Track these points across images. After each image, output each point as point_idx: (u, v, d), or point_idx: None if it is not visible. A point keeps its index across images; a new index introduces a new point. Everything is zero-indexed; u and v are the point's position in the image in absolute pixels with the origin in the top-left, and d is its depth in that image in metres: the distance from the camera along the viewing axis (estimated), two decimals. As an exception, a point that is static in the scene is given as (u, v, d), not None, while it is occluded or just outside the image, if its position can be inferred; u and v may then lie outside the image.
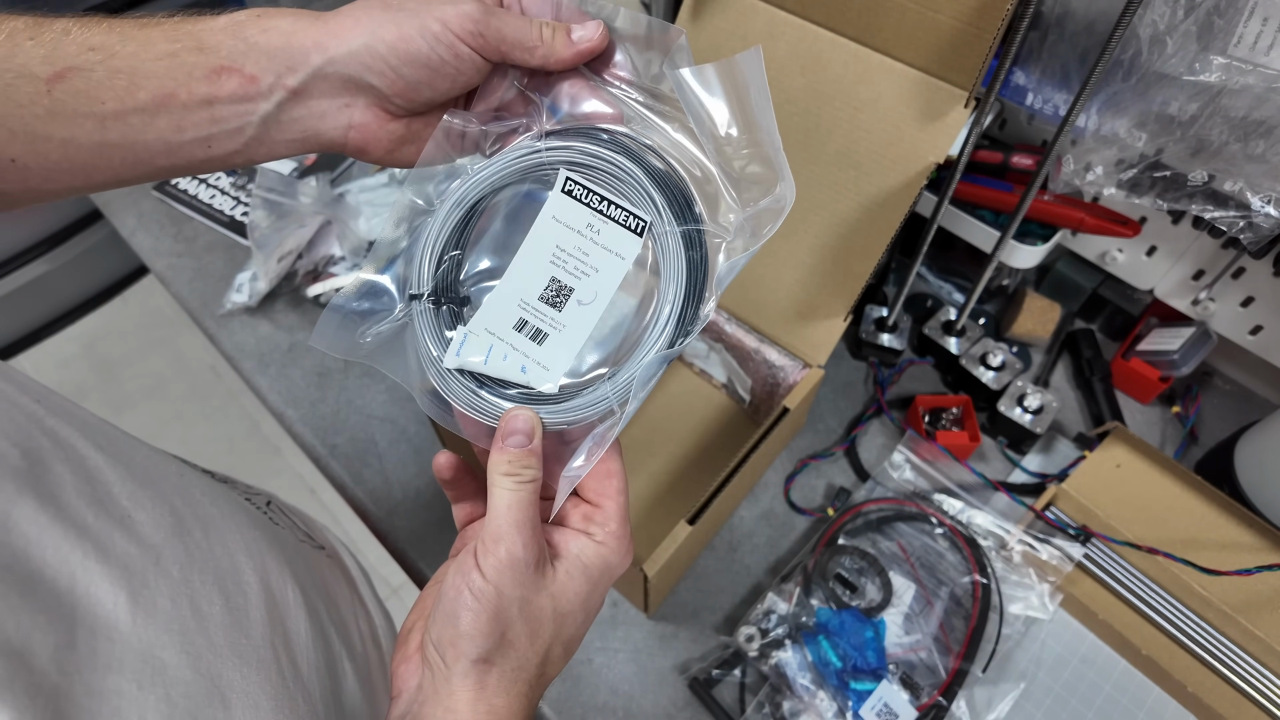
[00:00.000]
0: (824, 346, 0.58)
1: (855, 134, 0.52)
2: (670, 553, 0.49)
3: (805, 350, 0.59)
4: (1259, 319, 0.62)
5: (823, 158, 0.54)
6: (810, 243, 0.57)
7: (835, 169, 0.54)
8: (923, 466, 0.62)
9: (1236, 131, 0.50)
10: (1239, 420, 0.65)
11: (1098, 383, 0.68)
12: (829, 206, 0.55)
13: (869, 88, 0.51)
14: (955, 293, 0.76)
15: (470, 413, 0.32)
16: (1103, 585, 0.56)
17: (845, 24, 0.51)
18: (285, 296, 0.75)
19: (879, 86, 0.51)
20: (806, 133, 0.55)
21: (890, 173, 0.52)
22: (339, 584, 0.42)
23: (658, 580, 0.50)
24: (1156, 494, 0.60)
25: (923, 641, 0.54)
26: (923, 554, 0.58)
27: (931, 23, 0.47)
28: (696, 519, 0.51)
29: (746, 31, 0.55)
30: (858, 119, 0.52)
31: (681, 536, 0.50)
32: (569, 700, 0.53)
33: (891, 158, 0.51)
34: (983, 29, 0.45)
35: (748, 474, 0.56)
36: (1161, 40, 0.49)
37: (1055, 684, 0.54)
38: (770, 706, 0.52)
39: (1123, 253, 0.67)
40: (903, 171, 0.51)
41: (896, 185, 0.52)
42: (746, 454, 0.53)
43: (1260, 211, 0.52)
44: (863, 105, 0.52)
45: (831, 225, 0.56)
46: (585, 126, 0.32)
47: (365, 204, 0.78)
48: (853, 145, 0.53)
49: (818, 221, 0.56)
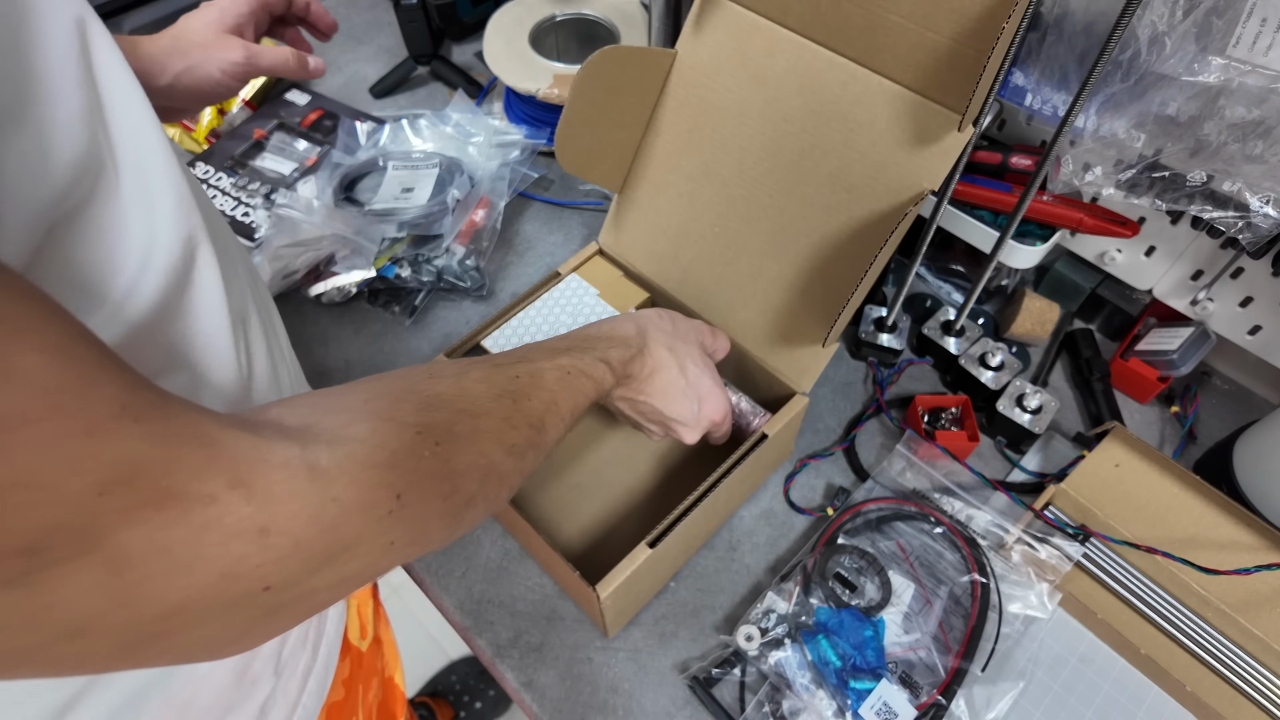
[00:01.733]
0: (809, 373, 0.56)
1: (850, 156, 0.52)
2: (627, 575, 0.48)
3: (791, 375, 0.57)
4: (1257, 319, 0.62)
5: (816, 179, 0.53)
6: (800, 265, 0.56)
7: (828, 191, 0.53)
8: (922, 466, 0.62)
9: (1235, 132, 0.50)
10: (1238, 420, 0.65)
11: (1096, 382, 0.68)
12: (820, 229, 0.54)
13: (866, 109, 0.50)
14: (954, 293, 0.76)
15: None
16: (1101, 584, 0.57)
17: (845, 44, 0.50)
18: (287, 297, 0.76)
19: (876, 108, 0.50)
20: (801, 153, 0.54)
21: (883, 197, 0.51)
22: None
23: (614, 602, 0.49)
24: (1155, 493, 0.60)
25: (922, 640, 0.54)
26: (922, 553, 0.58)
27: (930, 44, 0.46)
28: (657, 542, 0.49)
29: (747, 47, 0.55)
30: (853, 141, 0.51)
31: (640, 559, 0.48)
32: (568, 700, 0.54)
33: (885, 182, 0.50)
34: (981, 50, 0.44)
35: (722, 499, 0.54)
36: (1160, 41, 0.49)
37: (1054, 683, 0.54)
38: (770, 705, 0.52)
39: (1121, 253, 0.67)
40: (895, 196, 0.50)
41: (889, 210, 0.51)
42: (714, 482, 0.52)
43: (1259, 212, 0.52)
44: (859, 127, 0.51)
45: (821, 248, 0.54)
46: None
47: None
48: (847, 167, 0.52)
49: (808, 244, 0.55)
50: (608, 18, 0.88)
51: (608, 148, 0.61)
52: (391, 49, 1.01)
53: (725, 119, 0.57)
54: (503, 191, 0.79)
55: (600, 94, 0.55)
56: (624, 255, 0.66)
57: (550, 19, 0.89)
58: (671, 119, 0.60)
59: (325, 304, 0.75)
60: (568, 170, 0.59)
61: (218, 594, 0.22)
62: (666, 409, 0.50)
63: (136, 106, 0.30)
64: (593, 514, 0.60)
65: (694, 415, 0.51)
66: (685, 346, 0.51)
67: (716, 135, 0.57)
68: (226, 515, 0.22)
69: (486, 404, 0.36)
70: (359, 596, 0.61)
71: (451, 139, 0.83)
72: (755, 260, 0.58)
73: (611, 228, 0.66)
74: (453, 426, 0.32)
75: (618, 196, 0.65)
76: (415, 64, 0.95)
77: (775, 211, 0.56)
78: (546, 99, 0.81)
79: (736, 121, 0.56)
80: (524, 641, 0.56)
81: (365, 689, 0.59)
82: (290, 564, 0.24)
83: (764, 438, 0.55)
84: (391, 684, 0.67)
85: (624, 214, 0.65)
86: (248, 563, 0.23)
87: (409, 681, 1.29)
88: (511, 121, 0.87)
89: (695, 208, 0.60)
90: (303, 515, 0.24)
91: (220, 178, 0.85)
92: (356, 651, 0.58)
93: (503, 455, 0.35)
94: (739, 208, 0.58)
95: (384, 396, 0.31)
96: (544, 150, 0.85)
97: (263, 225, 0.80)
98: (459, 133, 0.83)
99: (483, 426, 0.34)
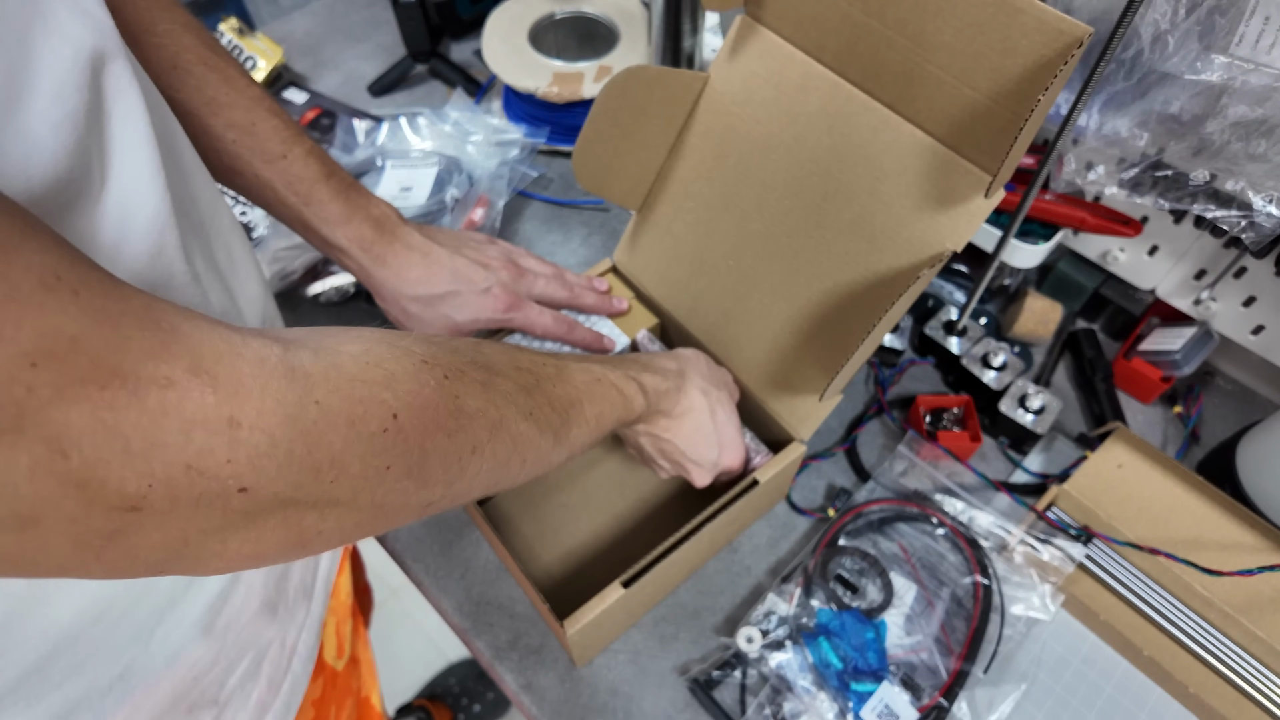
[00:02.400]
0: (809, 421, 0.54)
1: (873, 205, 0.49)
2: (596, 613, 0.47)
3: (791, 421, 0.55)
4: (1261, 319, 0.62)
5: (836, 224, 0.51)
6: (810, 311, 0.54)
7: (847, 238, 0.51)
8: (924, 467, 0.62)
9: (1238, 131, 0.50)
10: (1241, 420, 0.64)
11: (1099, 383, 0.68)
12: (834, 276, 0.52)
13: (895, 158, 0.48)
14: (956, 292, 0.76)
15: None
16: (1104, 586, 0.56)
17: (880, 88, 0.48)
18: (285, 296, 0.75)
19: (905, 159, 0.48)
20: (824, 195, 0.52)
21: (902, 253, 0.48)
22: None
23: (581, 637, 0.48)
24: (1158, 494, 0.60)
25: (924, 642, 0.54)
26: (924, 555, 0.58)
27: (967, 99, 0.43)
28: (632, 582, 0.48)
29: (781, 80, 0.52)
30: (878, 190, 0.49)
31: (611, 598, 0.47)
32: (568, 702, 0.53)
33: (906, 237, 0.48)
34: (1017, 113, 0.41)
35: (705, 542, 0.53)
36: (1163, 39, 0.49)
37: (1057, 685, 0.54)
38: (771, 708, 0.52)
39: (1124, 252, 0.67)
40: (914, 254, 0.48)
41: (906, 267, 0.48)
42: (698, 525, 0.50)
43: (1262, 211, 0.52)
44: (886, 176, 0.49)
45: (833, 296, 0.52)
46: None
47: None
48: (869, 216, 0.50)
49: (820, 290, 0.53)
50: (607, 16, 0.88)
51: (628, 167, 0.59)
52: (390, 47, 1.00)
53: (751, 150, 0.55)
54: (502, 190, 0.78)
55: (624, 114, 0.54)
56: (637, 276, 0.64)
57: (549, 17, 0.88)
58: (697, 143, 0.58)
59: (323, 303, 0.74)
60: (585, 188, 0.58)
61: (185, 488, 0.21)
62: (690, 451, 0.49)
63: (138, 152, 0.28)
64: (577, 538, 0.60)
65: (713, 462, 0.51)
66: (718, 392, 0.51)
67: (740, 166, 0.56)
68: (185, 401, 0.20)
69: (506, 368, 0.34)
70: (338, 613, 0.59)
71: (450, 137, 0.82)
72: (766, 300, 0.56)
73: (627, 246, 0.65)
74: (465, 369, 0.30)
75: (636, 215, 0.64)
76: (414, 62, 0.95)
77: (791, 253, 0.54)
78: (546, 97, 0.81)
79: (762, 154, 0.54)
80: (523, 644, 0.56)
81: (339, 710, 0.57)
82: (266, 464, 0.22)
83: (755, 484, 0.53)
84: (367, 704, 0.65)
85: (641, 234, 0.64)
86: (215, 457, 0.21)
87: (408, 684, 1.29)
88: (510, 120, 0.86)
89: (711, 238, 0.58)
90: (277, 413, 0.22)
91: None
92: (331, 671, 0.56)
93: (519, 418, 0.33)
94: (755, 243, 0.56)
95: (393, 334, 0.30)
96: (543, 149, 0.85)
97: (260, 224, 0.80)
98: (458, 131, 0.83)
99: (498, 384, 0.32)
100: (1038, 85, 0.40)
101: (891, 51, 0.46)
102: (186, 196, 0.34)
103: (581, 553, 0.59)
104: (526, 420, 0.34)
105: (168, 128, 0.33)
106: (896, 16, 0.45)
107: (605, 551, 0.59)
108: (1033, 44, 0.39)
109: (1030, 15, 0.39)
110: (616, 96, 0.52)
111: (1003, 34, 0.40)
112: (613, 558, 0.59)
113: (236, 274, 0.39)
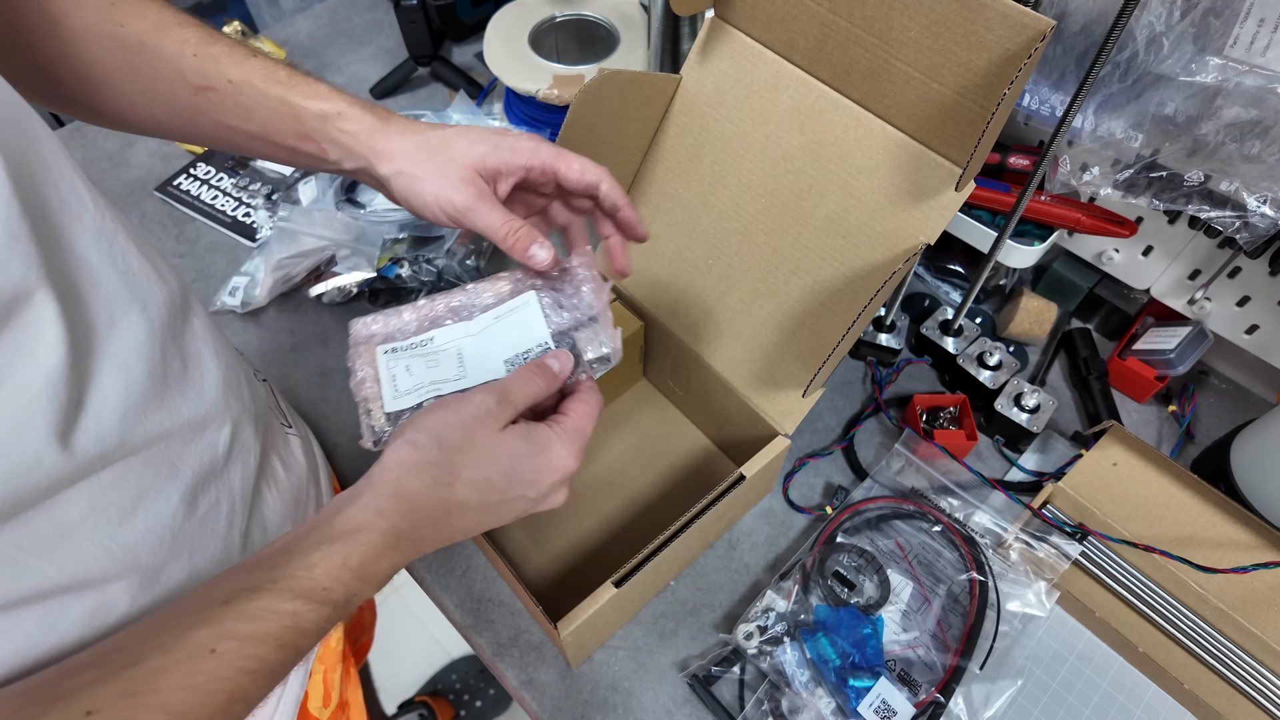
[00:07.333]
0: (793, 415, 0.55)
1: (848, 201, 0.50)
2: (589, 614, 0.47)
3: (775, 416, 0.56)
4: (1255, 318, 0.63)
5: (812, 221, 0.52)
6: (790, 307, 0.55)
7: (823, 234, 0.52)
8: (920, 465, 0.62)
9: (1232, 132, 0.50)
10: (1235, 419, 0.65)
11: (1094, 382, 0.68)
12: (812, 273, 0.53)
13: (867, 154, 0.49)
14: (952, 292, 0.76)
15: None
16: (1099, 583, 0.57)
17: (850, 85, 0.49)
18: (287, 297, 0.76)
19: (877, 155, 0.49)
20: (799, 193, 0.53)
21: (877, 247, 0.50)
22: (291, 452, 0.50)
23: (575, 638, 0.48)
24: (1153, 492, 0.60)
25: (920, 639, 0.55)
26: (920, 552, 0.58)
27: (935, 95, 0.44)
28: (624, 581, 0.48)
29: (752, 79, 0.53)
30: (852, 186, 0.50)
31: (604, 598, 0.47)
32: (568, 698, 0.54)
33: (881, 231, 0.49)
34: (984, 106, 0.42)
35: (694, 538, 0.53)
36: (1158, 41, 0.50)
37: (1052, 681, 0.54)
38: (769, 704, 0.52)
39: (1119, 252, 0.67)
40: (889, 248, 0.49)
41: (882, 261, 0.49)
42: (687, 522, 0.51)
43: (1256, 211, 0.52)
44: (859, 172, 0.50)
45: (813, 292, 0.53)
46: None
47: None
48: (844, 213, 0.51)
49: (799, 286, 0.54)
50: (607, 19, 0.89)
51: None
52: (392, 50, 1.01)
53: (725, 151, 0.56)
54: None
55: (598, 118, 0.54)
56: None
57: (550, 20, 0.89)
58: (672, 145, 0.59)
59: (326, 304, 0.75)
60: None
61: None
62: (503, 519, 0.40)
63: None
64: (569, 539, 0.60)
65: (538, 496, 0.40)
66: (469, 457, 0.37)
67: (716, 166, 0.57)
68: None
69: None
70: (326, 663, 0.56)
71: (451, 139, 0.83)
72: (747, 297, 0.57)
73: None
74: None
75: None
76: (416, 65, 0.95)
77: (769, 250, 0.55)
78: (546, 99, 0.81)
79: (736, 154, 0.55)
80: (524, 640, 0.56)
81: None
82: None
83: (741, 479, 0.53)
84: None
85: None
86: None
87: (410, 681, 1.29)
88: (511, 122, 0.87)
89: (691, 238, 0.59)
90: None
91: (221, 178, 0.85)
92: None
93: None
94: (734, 242, 0.57)
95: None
96: (544, 150, 0.85)
97: (263, 227, 0.80)
98: (459, 133, 0.83)
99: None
100: (1004, 78, 0.41)
101: (860, 49, 0.47)
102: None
103: (573, 554, 0.60)
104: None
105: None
106: (864, 14, 0.45)
107: (597, 552, 0.60)
108: (998, 38, 0.40)
109: (994, 10, 0.40)
110: (591, 101, 0.51)
111: (968, 29, 0.41)
112: (605, 558, 0.60)
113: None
